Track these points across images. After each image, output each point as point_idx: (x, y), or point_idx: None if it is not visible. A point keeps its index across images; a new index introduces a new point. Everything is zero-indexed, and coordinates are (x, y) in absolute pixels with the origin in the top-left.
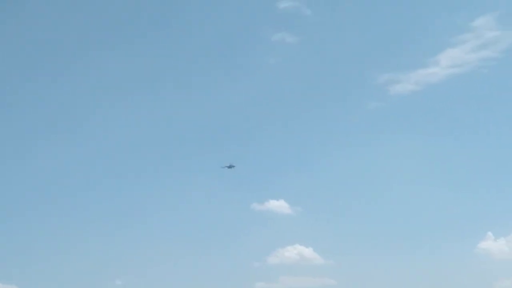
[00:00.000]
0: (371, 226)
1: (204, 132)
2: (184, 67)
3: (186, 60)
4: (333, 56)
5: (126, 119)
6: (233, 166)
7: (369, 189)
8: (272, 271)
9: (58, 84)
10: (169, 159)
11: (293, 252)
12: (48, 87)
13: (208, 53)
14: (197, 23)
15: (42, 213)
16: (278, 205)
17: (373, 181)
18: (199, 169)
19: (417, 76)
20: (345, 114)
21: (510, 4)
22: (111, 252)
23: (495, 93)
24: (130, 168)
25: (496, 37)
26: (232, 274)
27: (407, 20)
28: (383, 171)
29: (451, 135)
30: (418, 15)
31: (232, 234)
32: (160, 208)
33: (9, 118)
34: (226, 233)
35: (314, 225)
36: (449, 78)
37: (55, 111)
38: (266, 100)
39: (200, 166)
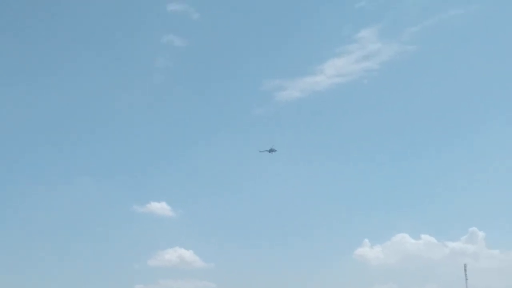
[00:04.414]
0: (252, 230)
1: (82, 133)
2: (67, 66)
3: (68, 60)
4: (220, 61)
5: None
6: (275, 150)
7: (249, 193)
8: (152, 274)
9: None
10: (44, 160)
11: (174, 254)
12: None
13: (94, 52)
14: (82, 21)
15: None
16: (160, 207)
17: (255, 186)
18: (80, 170)
19: (303, 83)
20: (231, 119)
21: (392, 19)
22: None
23: (375, 102)
24: None
25: (378, 49)
26: (111, 276)
27: (294, 28)
28: (267, 175)
29: (335, 142)
30: (306, 24)
31: (112, 236)
32: (38, 208)
33: None
34: (105, 235)
35: (195, 227)
36: (333, 86)
37: None
38: (152, 101)
39: (81, 166)
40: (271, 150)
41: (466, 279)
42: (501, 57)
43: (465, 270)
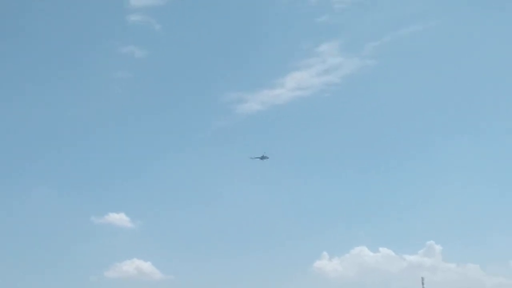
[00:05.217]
0: (211, 241)
1: (40, 143)
2: (26, 75)
3: (26, 66)
4: (180, 73)
5: None
6: (267, 158)
7: (209, 205)
8: (108, 286)
9: None
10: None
11: (132, 266)
12: None
13: (52, 63)
14: (39, 31)
15: None
16: (118, 218)
17: (215, 197)
18: (37, 180)
19: (263, 96)
20: (191, 131)
21: (352, 33)
22: None
23: (336, 116)
24: None
25: (339, 63)
26: None
27: (255, 41)
28: (226, 188)
29: (294, 156)
30: (266, 37)
31: (68, 247)
32: None
33: None
34: (63, 246)
35: (155, 239)
36: (294, 99)
37: None
38: (111, 111)
39: (39, 176)
40: (262, 157)
41: None
42: (459, 72)
43: (422, 283)
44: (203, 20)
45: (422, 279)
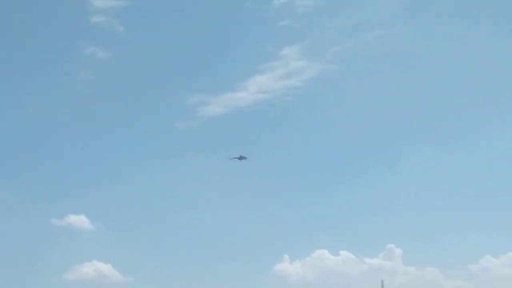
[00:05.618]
0: (171, 244)
1: (2, 143)
2: None
3: None
4: (144, 74)
5: None
6: (245, 158)
7: (171, 207)
8: None
9: None
10: None
11: (91, 268)
12: None
13: (13, 65)
14: (2, 31)
15: None
16: (78, 220)
17: (177, 199)
18: None
19: (226, 99)
20: (154, 133)
21: (315, 38)
22: None
23: (298, 119)
24: None
25: (301, 67)
26: None
27: (218, 44)
28: (188, 190)
29: (257, 158)
30: (229, 40)
31: (28, 249)
32: None
33: None
34: (22, 248)
35: (115, 241)
36: (256, 102)
37: None
38: (72, 112)
39: None
40: (241, 158)
41: None
42: (421, 78)
43: (382, 286)
44: (166, 23)
45: (382, 282)
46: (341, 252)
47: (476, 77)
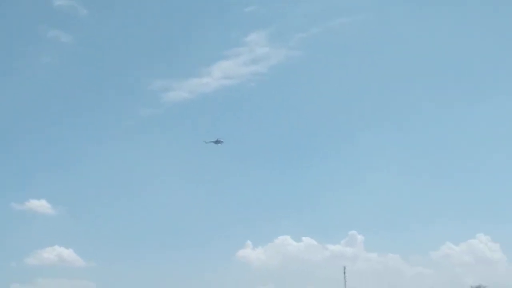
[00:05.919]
0: (134, 230)
1: None
2: None
3: None
4: (107, 59)
5: None
6: (221, 142)
7: (133, 193)
8: (29, 272)
9: None
10: None
11: (53, 253)
12: None
13: None
14: None
15: None
16: (39, 205)
17: (139, 185)
18: None
19: (190, 85)
20: (118, 118)
21: (280, 24)
22: None
23: (262, 105)
24: None
25: (266, 53)
26: None
27: (182, 30)
28: (150, 177)
29: (221, 145)
30: (195, 26)
31: None
32: None
33: None
34: None
35: (76, 226)
36: (220, 88)
37: None
38: (35, 97)
39: None
40: (217, 142)
41: (345, 281)
42: (385, 66)
43: (344, 272)
44: (130, 7)
45: (344, 268)
46: (304, 238)
47: (437, 63)
